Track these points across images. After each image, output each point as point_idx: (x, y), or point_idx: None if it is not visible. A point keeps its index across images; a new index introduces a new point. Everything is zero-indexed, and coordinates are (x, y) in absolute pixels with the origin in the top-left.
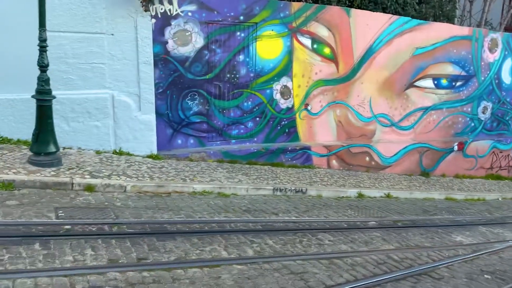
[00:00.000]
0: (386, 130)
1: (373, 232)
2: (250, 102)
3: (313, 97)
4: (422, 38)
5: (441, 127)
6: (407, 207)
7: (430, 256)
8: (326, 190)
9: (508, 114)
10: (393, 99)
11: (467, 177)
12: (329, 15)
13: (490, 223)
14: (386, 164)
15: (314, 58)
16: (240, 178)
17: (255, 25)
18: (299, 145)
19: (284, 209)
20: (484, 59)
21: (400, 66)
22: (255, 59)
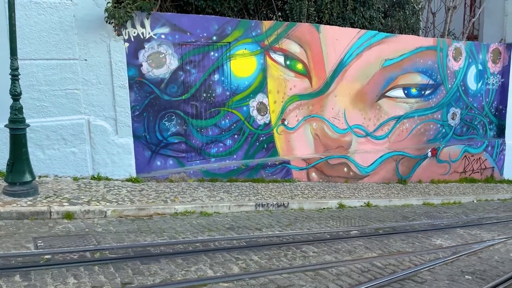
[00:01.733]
0: (361, 140)
1: (356, 241)
2: (227, 120)
3: (289, 112)
4: (390, 50)
5: (414, 134)
6: (387, 215)
7: (412, 260)
8: (308, 203)
9: (476, 119)
10: (367, 110)
11: (442, 181)
12: (300, 32)
13: (467, 225)
14: (364, 173)
15: (288, 74)
16: (222, 196)
17: (228, 45)
18: (278, 160)
19: (267, 224)
20: (449, 68)
21: (371, 78)
22: (230, 77)
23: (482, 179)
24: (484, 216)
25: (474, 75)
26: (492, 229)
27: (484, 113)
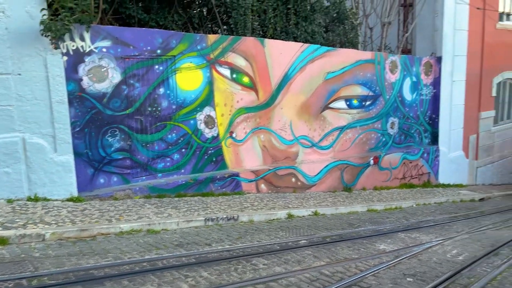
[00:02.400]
0: (308, 151)
1: (305, 250)
2: (174, 134)
3: (237, 125)
4: (332, 63)
5: (357, 144)
6: (334, 223)
7: (358, 267)
8: (257, 215)
9: (412, 128)
10: (312, 121)
11: (384, 188)
12: (245, 46)
13: (408, 229)
14: (311, 183)
15: (235, 87)
16: (170, 212)
17: (173, 58)
18: (227, 173)
19: (217, 238)
20: (387, 80)
21: (315, 90)
22: (176, 91)
23: (420, 184)
24: (423, 220)
25: (409, 86)
26: (430, 231)
27: (420, 122)
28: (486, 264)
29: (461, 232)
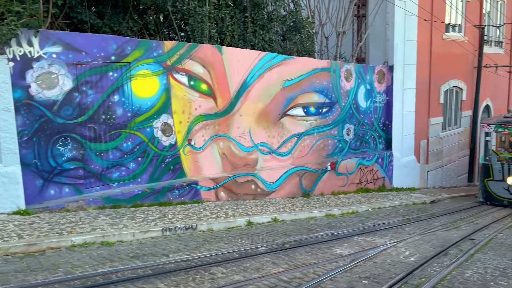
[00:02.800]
0: (267, 157)
1: (264, 257)
2: (130, 142)
3: (196, 132)
4: (289, 71)
5: (315, 150)
6: (293, 228)
7: (316, 272)
8: (217, 223)
9: (367, 134)
10: (270, 128)
11: (342, 193)
12: (202, 53)
13: (364, 233)
14: (271, 189)
15: (192, 95)
16: (125, 223)
17: (129, 65)
18: (186, 181)
19: (174, 248)
20: (342, 87)
21: (273, 98)
22: (132, 98)
23: (375, 189)
24: (378, 223)
25: (364, 94)
26: (385, 234)
27: (374, 128)
28: (436, 264)
29: (413, 234)
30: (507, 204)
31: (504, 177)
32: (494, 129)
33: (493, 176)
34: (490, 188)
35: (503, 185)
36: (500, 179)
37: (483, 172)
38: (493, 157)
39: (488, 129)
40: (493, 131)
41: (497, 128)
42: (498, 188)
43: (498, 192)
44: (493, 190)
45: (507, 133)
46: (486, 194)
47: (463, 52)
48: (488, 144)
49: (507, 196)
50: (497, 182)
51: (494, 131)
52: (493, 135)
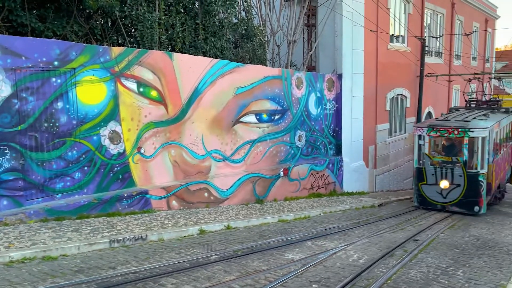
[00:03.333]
0: (220, 165)
1: (215, 266)
2: (75, 151)
3: (145, 140)
4: (241, 78)
5: (268, 156)
6: (246, 235)
7: (267, 278)
8: (168, 233)
9: (318, 140)
10: (223, 135)
11: (294, 198)
12: (152, 59)
13: (315, 237)
14: (224, 197)
15: (142, 101)
16: (70, 235)
17: (73, 71)
18: (136, 190)
19: (122, 260)
20: (294, 95)
21: (225, 105)
22: (77, 105)
23: (326, 193)
24: (329, 227)
25: (314, 101)
26: (335, 238)
27: (324, 135)
28: (383, 265)
29: (362, 237)
30: (440, 208)
31: (437, 181)
32: (426, 132)
33: (427, 180)
34: (424, 192)
35: (436, 189)
36: (434, 183)
37: (417, 176)
38: (426, 160)
39: (421, 133)
40: (425, 134)
41: (429, 131)
42: (431, 192)
43: (432, 196)
44: (427, 194)
45: (439, 136)
46: (421, 199)
47: (406, 61)
48: (422, 148)
49: (440, 200)
50: (430, 186)
51: (426, 134)
52: (426, 139)
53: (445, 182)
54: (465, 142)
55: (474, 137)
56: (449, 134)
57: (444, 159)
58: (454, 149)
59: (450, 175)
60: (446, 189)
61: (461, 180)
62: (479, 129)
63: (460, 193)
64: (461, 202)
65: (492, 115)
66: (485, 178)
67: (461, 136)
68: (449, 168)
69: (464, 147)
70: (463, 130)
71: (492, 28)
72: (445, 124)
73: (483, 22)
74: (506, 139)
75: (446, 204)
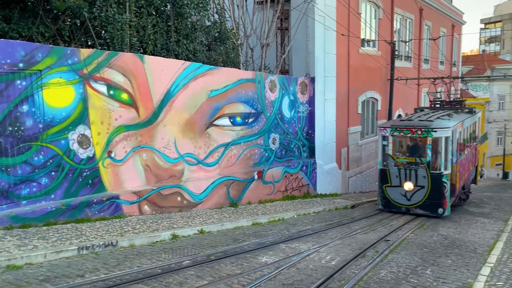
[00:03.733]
0: (193, 168)
1: (188, 271)
2: (42, 156)
3: (116, 144)
4: (215, 81)
5: (242, 159)
6: (219, 239)
7: (240, 282)
8: (139, 238)
9: (292, 143)
10: (196, 138)
11: (269, 201)
12: (123, 62)
13: (289, 240)
14: (198, 201)
15: (112, 104)
16: (36, 243)
17: (40, 73)
18: (106, 196)
19: (91, 268)
20: (267, 98)
21: (199, 108)
22: (44, 108)
23: (300, 196)
24: (302, 229)
25: (288, 104)
26: (309, 240)
27: (298, 137)
28: (355, 266)
29: (335, 238)
30: (405, 211)
31: (401, 183)
32: (390, 132)
33: (391, 181)
34: (389, 195)
35: (400, 191)
36: (398, 185)
37: (381, 178)
38: (390, 162)
39: (385, 133)
40: (389, 135)
41: (393, 131)
42: (396, 194)
43: (396, 198)
44: (391, 196)
45: (403, 137)
46: (385, 201)
47: (377, 65)
48: (385, 149)
49: (404, 203)
50: (395, 188)
51: (390, 134)
52: (389, 139)
53: (409, 184)
54: (429, 143)
55: (437, 137)
56: (413, 134)
57: (408, 160)
58: (418, 150)
59: (414, 176)
60: (410, 191)
61: (425, 181)
62: (442, 129)
63: (424, 195)
64: (425, 204)
65: (456, 115)
66: (449, 179)
67: (424, 136)
68: (413, 170)
69: (427, 148)
70: (426, 130)
71: (459, 33)
72: (409, 124)
73: (449, 28)
74: (470, 140)
75: (411, 206)
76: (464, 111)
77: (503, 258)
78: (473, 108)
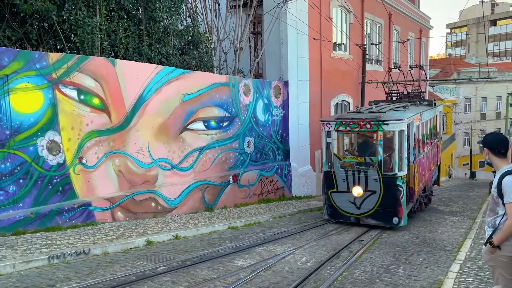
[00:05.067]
0: (167, 173)
1: (163, 277)
2: (8, 163)
3: (87, 149)
4: (188, 85)
5: (217, 163)
6: (195, 244)
7: (216, 286)
8: (112, 245)
9: (267, 146)
10: (170, 143)
11: (244, 204)
12: (94, 66)
13: (264, 242)
14: (172, 206)
15: (83, 109)
16: (4, 253)
17: (6, 78)
18: (77, 203)
19: (62, 277)
20: (241, 102)
21: (172, 112)
22: (10, 114)
23: (276, 199)
24: (278, 232)
25: (262, 108)
26: (284, 242)
27: (273, 141)
28: (330, 267)
29: (310, 240)
30: (354, 221)
31: (349, 188)
32: (334, 127)
33: (337, 186)
34: (335, 202)
35: (348, 198)
36: (345, 190)
37: (326, 182)
38: (336, 162)
39: (329, 128)
40: (334, 130)
41: (337, 126)
42: (343, 202)
43: (344, 206)
44: (338, 204)
45: (350, 132)
46: (331, 210)
47: (349, 69)
48: (330, 147)
49: (353, 211)
50: (342, 194)
51: (335, 130)
52: (334, 135)
53: (358, 189)
54: (380, 138)
55: (389, 131)
56: (361, 129)
57: (356, 160)
58: (368, 148)
59: (364, 179)
60: (360, 197)
61: (376, 185)
62: (395, 121)
63: (376, 201)
64: (377, 213)
65: (413, 107)
66: (405, 182)
67: (374, 130)
68: (362, 171)
69: (378, 144)
70: (377, 123)
71: (426, 37)
72: (356, 116)
73: (417, 32)
74: (430, 136)
75: (361, 215)
76: (423, 103)
77: (472, 255)
78: (433, 100)
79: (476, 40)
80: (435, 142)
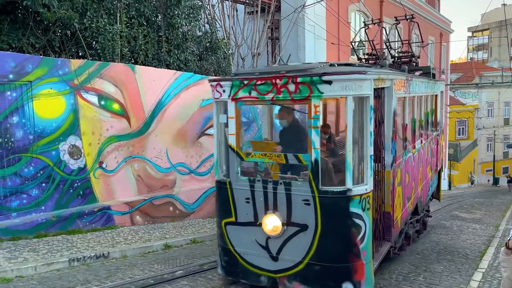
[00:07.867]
0: (185, 178)
1: (181, 281)
2: (32, 167)
3: (107, 154)
4: (206, 90)
5: None
6: (212, 249)
7: None
8: (131, 249)
9: None
10: (188, 148)
11: None
12: (114, 72)
13: None
14: (190, 210)
15: (104, 115)
16: (26, 256)
17: (30, 84)
18: (97, 206)
19: (82, 280)
20: (259, 107)
21: (190, 117)
22: (34, 119)
23: None
24: None
25: None
26: None
27: None
28: None
29: None
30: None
31: (257, 216)
32: (230, 93)
33: (236, 213)
34: (232, 244)
35: (256, 236)
36: (250, 221)
37: (219, 203)
38: (235, 164)
39: (221, 95)
40: (229, 99)
41: (235, 90)
42: (247, 245)
43: (248, 253)
44: (238, 248)
45: (258, 100)
46: (227, 259)
47: None
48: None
49: (265, 266)
50: (244, 228)
51: (231, 98)
52: (232, 110)
53: (274, 220)
54: (315, 113)
55: (335, 96)
56: (278, 94)
57: (271, 160)
58: (294, 135)
59: (285, 200)
60: (278, 237)
61: (308, 213)
62: (347, 77)
63: (307, 247)
64: (309, 270)
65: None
66: (369, 207)
67: (303, 96)
68: (282, 184)
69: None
70: (308, 81)
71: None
72: (270, 70)
73: (438, 36)
74: (426, 124)
75: (279, 275)
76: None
77: (495, 263)
78: (431, 67)
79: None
80: (434, 136)
